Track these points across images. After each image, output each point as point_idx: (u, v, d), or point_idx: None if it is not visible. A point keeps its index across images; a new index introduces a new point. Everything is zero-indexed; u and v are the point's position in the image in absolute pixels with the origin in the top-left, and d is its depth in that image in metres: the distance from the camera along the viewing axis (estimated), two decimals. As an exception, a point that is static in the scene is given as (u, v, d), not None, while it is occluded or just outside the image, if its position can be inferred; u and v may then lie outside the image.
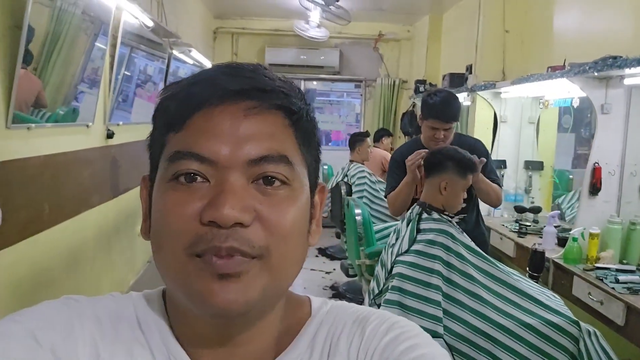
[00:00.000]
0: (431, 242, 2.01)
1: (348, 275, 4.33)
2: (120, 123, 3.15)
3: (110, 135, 2.96)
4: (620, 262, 2.49)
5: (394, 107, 6.94)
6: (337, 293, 4.64)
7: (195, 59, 4.78)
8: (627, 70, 2.26)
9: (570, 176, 4.24)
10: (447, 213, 2.16)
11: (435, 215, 2.11)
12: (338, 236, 5.20)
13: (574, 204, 3.64)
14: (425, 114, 2.58)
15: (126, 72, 3.27)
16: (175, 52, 4.16)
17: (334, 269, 5.24)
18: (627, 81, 2.44)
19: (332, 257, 5.78)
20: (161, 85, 4.01)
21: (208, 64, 5.32)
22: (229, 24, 6.85)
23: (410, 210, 2.25)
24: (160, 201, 0.53)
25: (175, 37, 3.84)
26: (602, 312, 2.19)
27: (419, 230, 2.07)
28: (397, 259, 2.04)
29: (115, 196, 3.19)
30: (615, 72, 2.37)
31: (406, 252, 2.03)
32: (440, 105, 2.53)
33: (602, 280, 2.26)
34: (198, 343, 0.57)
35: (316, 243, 0.61)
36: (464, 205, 2.63)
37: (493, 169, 2.74)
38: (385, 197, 2.79)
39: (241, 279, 0.51)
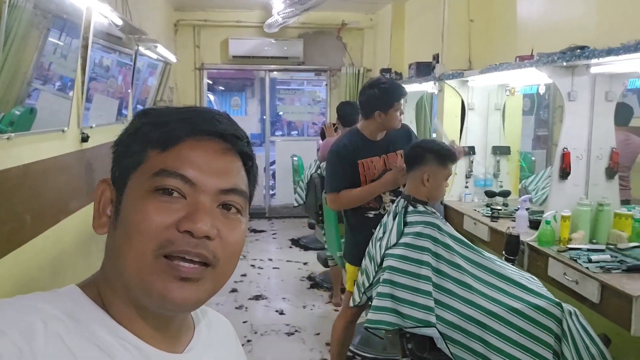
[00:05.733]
0: (419, 235, 2.07)
1: (326, 266, 4.39)
2: (94, 125, 3.08)
3: (84, 139, 2.89)
4: (590, 242, 2.61)
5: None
6: (315, 283, 4.70)
7: (160, 53, 4.69)
8: (594, 60, 2.36)
9: (533, 158, 4.37)
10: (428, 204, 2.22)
11: (421, 207, 2.17)
12: (311, 227, 5.24)
13: (539, 186, 3.79)
14: (390, 101, 2.67)
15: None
16: (141, 48, 4.08)
17: (309, 261, 5.29)
18: (593, 70, 2.54)
19: (306, 248, 5.83)
20: (120, 80, 3.90)
21: (172, 58, 5.24)
22: (190, 16, 6.72)
23: (395, 204, 2.30)
24: (139, 206, 0.63)
25: (141, 33, 3.77)
26: (577, 291, 2.30)
27: (405, 224, 2.13)
28: (386, 252, 2.09)
29: (92, 200, 3.12)
30: (581, 62, 2.47)
31: (395, 245, 2.09)
32: (397, 86, 2.74)
33: (575, 260, 2.37)
34: (141, 328, 0.66)
35: None
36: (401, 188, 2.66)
37: None
38: (332, 192, 2.69)
39: (197, 283, 0.63)
